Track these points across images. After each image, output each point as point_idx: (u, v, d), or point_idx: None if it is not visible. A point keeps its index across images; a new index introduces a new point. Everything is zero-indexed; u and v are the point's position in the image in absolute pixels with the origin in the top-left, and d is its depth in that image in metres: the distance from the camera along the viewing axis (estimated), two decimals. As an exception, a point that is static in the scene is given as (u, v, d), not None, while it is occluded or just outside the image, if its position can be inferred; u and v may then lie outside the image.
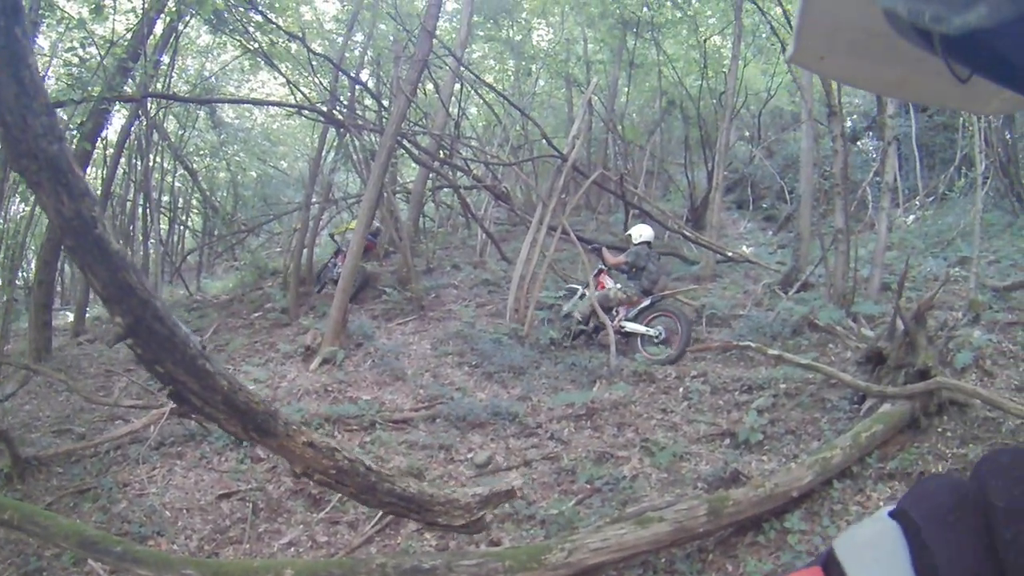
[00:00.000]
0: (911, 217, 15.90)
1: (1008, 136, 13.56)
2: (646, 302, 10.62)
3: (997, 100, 1.56)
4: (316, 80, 15.24)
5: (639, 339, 10.36)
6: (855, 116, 20.97)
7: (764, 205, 21.30)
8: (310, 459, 4.38)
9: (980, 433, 5.91)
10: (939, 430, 6.12)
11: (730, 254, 14.37)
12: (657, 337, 10.28)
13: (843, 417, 6.95)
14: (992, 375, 7.05)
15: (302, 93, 15.06)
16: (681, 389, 8.67)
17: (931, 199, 15.90)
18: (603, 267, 11.45)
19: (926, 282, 10.60)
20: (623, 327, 10.51)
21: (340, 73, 14.73)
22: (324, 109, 13.93)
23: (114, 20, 11.98)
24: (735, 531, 5.46)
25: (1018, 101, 1.58)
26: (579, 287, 11.53)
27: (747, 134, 24.41)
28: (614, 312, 10.69)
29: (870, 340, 7.73)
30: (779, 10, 12.88)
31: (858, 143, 20.04)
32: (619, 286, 10.88)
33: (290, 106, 15.39)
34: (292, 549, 6.20)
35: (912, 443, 6.06)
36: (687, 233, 14.94)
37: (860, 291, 10.04)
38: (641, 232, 11.45)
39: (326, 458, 4.41)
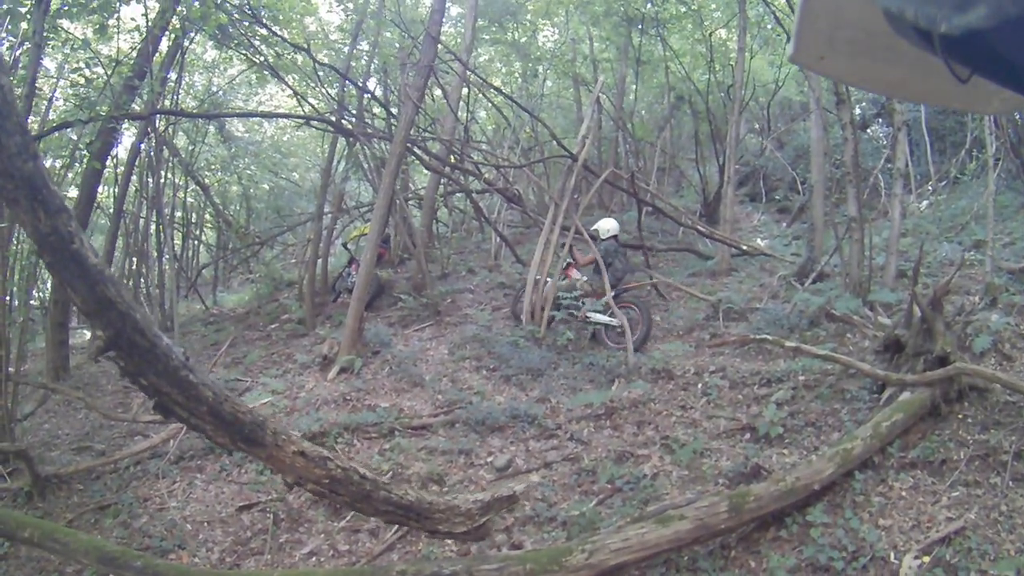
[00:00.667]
0: (924, 203, 15.78)
1: (1018, 117, 13.43)
2: (611, 294, 10.82)
3: (997, 100, 1.55)
4: (323, 91, 15.25)
5: (603, 329, 10.80)
6: (864, 103, 20.82)
7: (777, 197, 21.20)
8: (301, 468, 4.34)
9: (1002, 418, 5.84)
10: (960, 416, 6.05)
11: (745, 248, 14.33)
12: (620, 327, 10.41)
13: (863, 407, 6.88)
14: (1012, 359, 6.97)
15: (310, 104, 15.09)
16: (700, 385, 8.62)
17: (943, 183, 15.78)
18: (571, 261, 11.88)
19: (942, 267, 10.51)
20: (588, 317, 10.84)
21: (347, 82, 14.76)
22: (332, 119, 13.96)
23: (119, 39, 12.02)
24: (757, 526, 5.43)
25: (1018, 101, 1.56)
26: (548, 280, 11.57)
27: (757, 126, 24.34)
28: (580, 303, 10.91)
29: (887, 328, 7.67)
30: (783, 0, 12.83)
31: (868, 130, 19.91)
32: (585, 278, 11.47)
33: (298, 117, 15.40)
34: (313, 559, 6.22)
35: (933, 431, 6.00)
36: (701, 228, 14.90)
37: (876, 279, 9.97)
38: (607, 227, 11.88)
39: (318, 467, 4.37)
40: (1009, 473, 5.25)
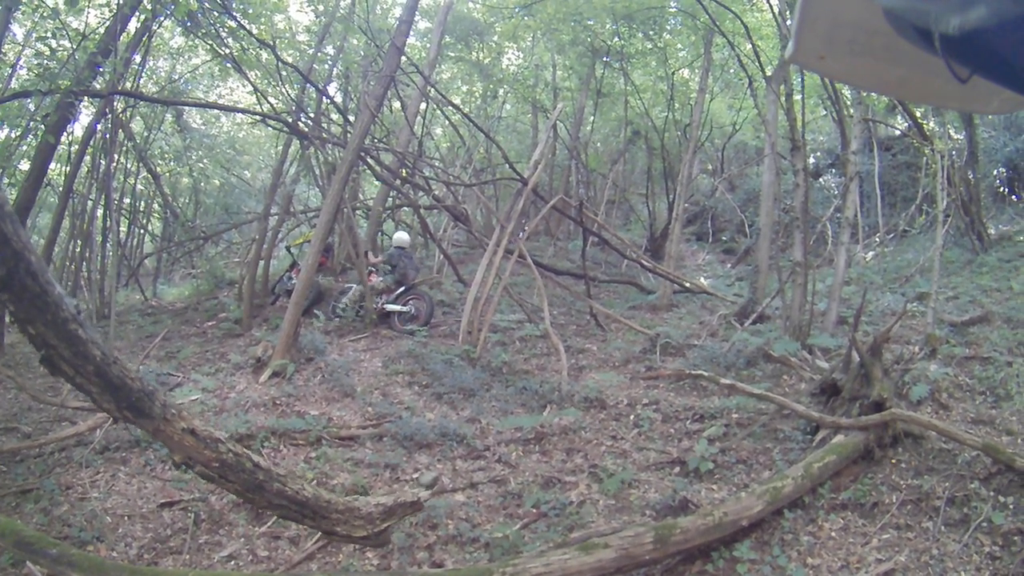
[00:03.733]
0: (870, 254, 16.04)
1: (971, 175, 13.71)
2: (400, 290, 13.47)
3: (997, 100, 1.52)
4: (284, 91, 15.08)
5: (396, 316, 13.20)
6: (819, 153, 21.21)
7: (724, 238, 21.49)
8: (191, 447, 4.07)
9: (936, 464, 5.89)
10: (893, 461, 6.09)
11: (687, 285, 14.46)
12: (409, 313, 13.23)
13: (796, 448, 6.90)
14: (948, 408, 7.06)
15: (269, 103, 14.92)
16: (632, 416, 8.59)
17: (891, 236, 16.06)
18: (372, 268, 13.91)
19: (883, 317, 10.65)
20: (386, 308, 13.30)
21: (308, 85, 14.62)
22: (289, 119, 13.81)
23: (88, 14, 11.80)
24: (682, 560, 5.36)
25: (1018, 101, 1.53)
26: (353, 285, 13.95)
27: (710, 167, 24.73)
28: (380, 298, 13.43)
29: (825, 372, 7.71)
30: (749, 46, 12.95)
31: (820, 179, 20.27)
32: (381, 279, 13.67)
33: (256, 114, 15.16)
34: (232, 562, 6.02)
35: (866, 474, 6.02)
36: (645, 262, 15.03)
37: (816, 324, 10.07)
38: (397, 239, 14.40)
39: (208, 449, 4.11)
40: (941, 518, 5.27)
